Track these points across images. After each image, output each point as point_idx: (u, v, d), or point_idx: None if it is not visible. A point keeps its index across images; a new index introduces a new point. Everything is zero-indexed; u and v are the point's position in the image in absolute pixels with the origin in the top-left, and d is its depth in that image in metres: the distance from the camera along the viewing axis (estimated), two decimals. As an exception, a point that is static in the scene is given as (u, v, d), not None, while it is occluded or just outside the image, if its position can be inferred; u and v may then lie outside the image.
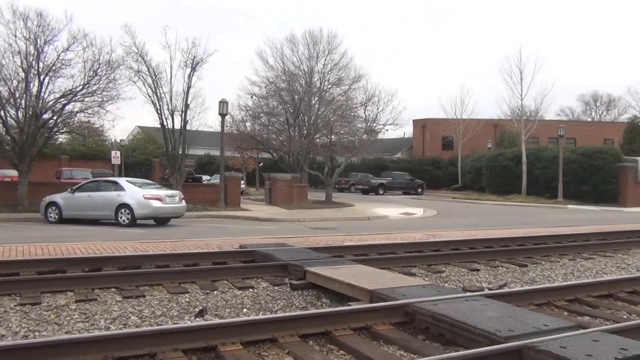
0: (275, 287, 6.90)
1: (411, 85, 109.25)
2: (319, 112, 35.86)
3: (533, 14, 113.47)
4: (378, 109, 31.54)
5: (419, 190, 46.52)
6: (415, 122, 58.37)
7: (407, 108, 47.34)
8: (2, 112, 21.00)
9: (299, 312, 5.85)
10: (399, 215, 24.82)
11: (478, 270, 8.43)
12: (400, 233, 13.95)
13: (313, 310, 6.06)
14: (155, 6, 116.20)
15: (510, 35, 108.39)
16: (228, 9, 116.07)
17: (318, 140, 35.40)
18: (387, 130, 34.47)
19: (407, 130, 62.16)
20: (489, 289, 7.12)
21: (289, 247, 9.30)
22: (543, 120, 42.40)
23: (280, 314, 5.82)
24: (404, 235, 13.29)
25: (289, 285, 6.97)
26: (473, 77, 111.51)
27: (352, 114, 35.68)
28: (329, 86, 41.20)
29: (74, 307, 5.71)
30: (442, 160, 53.71)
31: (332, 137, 34.83)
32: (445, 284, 7.47)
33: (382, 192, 44.10)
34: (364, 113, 33.11)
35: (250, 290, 6.73)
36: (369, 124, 32.71)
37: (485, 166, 42.00)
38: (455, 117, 50.72)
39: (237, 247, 9.68)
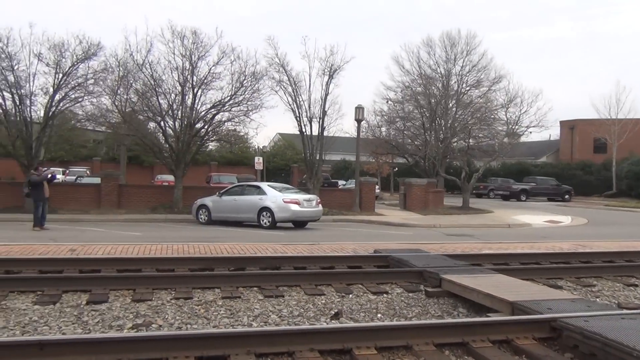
0: (410, 294, 6.83)
1: (558, 85, 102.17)
2: (457, 116, 34.83)
3: None
4: (520, 110, 29.85)
5: (566, 196, 43.19)
6: (562, 123, 54.39)
7: (553, 108, 44.16)
8: (162, 122, 23.27)
9: (434, 321, 5.75)
10: (543, 223, 23.28)
11: (636, 285, 7.63)
12: (545, 242, 13.08)
13: (449, 320, 5.90)
14: (296, 18, 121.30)
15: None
16: (364, 16, 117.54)
17: (455, 144, 34.38)
18: (530, 132, 32.47)
19: (553, 133, 58.22)
20: (650, 308, 6.40)
21: (424, 254, 9.15)
22: None
23: (415, 321, 5.75)
24: (549, 244, 12.44)
25: (424, 292, 6.86)
26: (630, 72, 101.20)
27: (492, 116, 34.09)
28: (467, 88, 39.89)
29: (220, 303, 6.13)
30: (594, 164, 49.35)
31: (470, 140, 33.62)
32: (597, 299, 6.86)
33: (524, 199, 41.62)
34: (505, 115, 31.53)
35: (385, 295, 6.73)
36: (510, 126, 31.09)
37: (645, 171, 37.85)
38: (609, 117, 46.36)
39: (372, 252, 9.73)
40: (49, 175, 17.56)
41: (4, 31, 21.14)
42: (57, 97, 21.82)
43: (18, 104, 21.27)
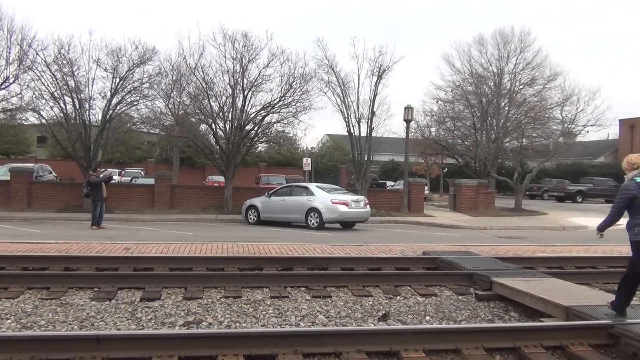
0: (460, 297, 6.72)
1: (617, 82, 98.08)
2: (509, 115, 33.96)
3: None
4: (577, 109, 28.88)
5: (626, 198, 41.31)
6: (622, 122, 52.24)
7: (612, 107, 42.25)
8: (213, 124, 23.73)
9: (485, 325, 5.64)
10: (601, 226, 22.37)
11: (703, 292, 7.22)
12: (602, 245, 12.59)
13: (500, 324, 5.78)
14: (344, 19, 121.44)
15: None
16: (413, 15, 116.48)
17: (507, 144, 33.54)
18: (587, 132, 31.33)
19: (612, 132, 55.97)
20: None
21: (474, 256, 8.99)
22: None
23: (465, 325, 5.65)
24: (607, 247, 11.97)
25: (474, 295, 6.73)
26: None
27: (547, 115, 33.06)
28: (521, 87, 38.85)
29: (268, 303, 6.20)
30: (656, 165, 47.02)
31: (523, 140, 32.72)
32: (659, 306, 6.54)
33: (580, 200, 40.12)
34: (561, 114, 30.56)
35: (434, 297, 6.65)
36: (566, 125, 30.09)
37: None
38: (672, 115, 44.13)
39: (420, 254, 9.63)
40: (107, 176, 18.25)
41: (65, 38, 22.13)
42: (114, 100, 22.62)
43: (78, 107, 22.15)
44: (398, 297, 6.60)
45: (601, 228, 5.65)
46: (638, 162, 5.30)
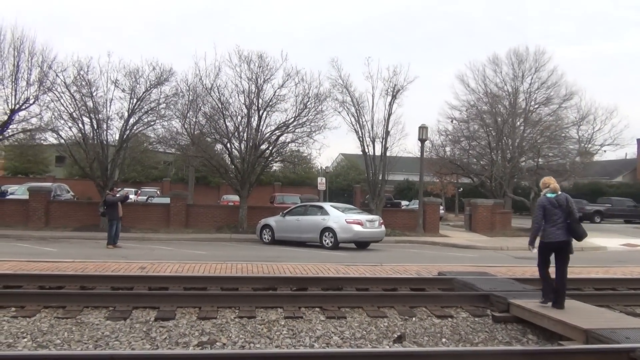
0: (476, 318, 6.62)
1: (635, 100, 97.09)
2: (525, 134, 33.79)
3: None
4: (594, 128, 28.76)
5: (646, 218, 40.71)
6: (640, 141, 51.63)
7: (629, 126, 41.98)
8: (228, 144, 23.91)
9: (502, 347, 5.55)
10: (619, 247, 22.02)
11: None
12: (622, 267, 12.37)
13: (518, 347, 5.69)
14: (359, 40, 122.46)
15: None
16: (427, 36, 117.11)
17: (523, 163, 33.29)
18: (604, 151, 31.10)
19: (630, 151, 55.29)
20: None
21: (491, 277, 8.88)
22: None
23: (482, 347, 5.57)
24: (627, 269, 11.76)
25: (490, 317, 6.64)
26: None
27: (563, 134, 32.85)
28: (536, 106, 38.68)
29: (282, 323, 6.16)
30: (675, 185, 46.33)
31: (539, 160, 32.47)
32: (682, 330, 6.38)
33: (598, 220, 39.56)
34: (577, 133, 30.39)
35: (450, 319, 6.56)
36: (582, 145, 29.88)
37: None
38: (692, 134, 43.51)
39: (436, 274, 9.54)
40: (124, 196, 18.40)
41: (84, 60, 22.54)
42: (131, 121, 22.92)
43: (96, 128, 22.46)
44: (413, 319, 6.53)
45: (531, 242, 7.04)
46: (549, 182, 7.00)
